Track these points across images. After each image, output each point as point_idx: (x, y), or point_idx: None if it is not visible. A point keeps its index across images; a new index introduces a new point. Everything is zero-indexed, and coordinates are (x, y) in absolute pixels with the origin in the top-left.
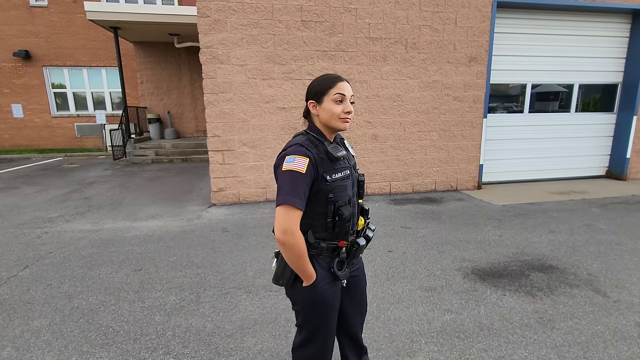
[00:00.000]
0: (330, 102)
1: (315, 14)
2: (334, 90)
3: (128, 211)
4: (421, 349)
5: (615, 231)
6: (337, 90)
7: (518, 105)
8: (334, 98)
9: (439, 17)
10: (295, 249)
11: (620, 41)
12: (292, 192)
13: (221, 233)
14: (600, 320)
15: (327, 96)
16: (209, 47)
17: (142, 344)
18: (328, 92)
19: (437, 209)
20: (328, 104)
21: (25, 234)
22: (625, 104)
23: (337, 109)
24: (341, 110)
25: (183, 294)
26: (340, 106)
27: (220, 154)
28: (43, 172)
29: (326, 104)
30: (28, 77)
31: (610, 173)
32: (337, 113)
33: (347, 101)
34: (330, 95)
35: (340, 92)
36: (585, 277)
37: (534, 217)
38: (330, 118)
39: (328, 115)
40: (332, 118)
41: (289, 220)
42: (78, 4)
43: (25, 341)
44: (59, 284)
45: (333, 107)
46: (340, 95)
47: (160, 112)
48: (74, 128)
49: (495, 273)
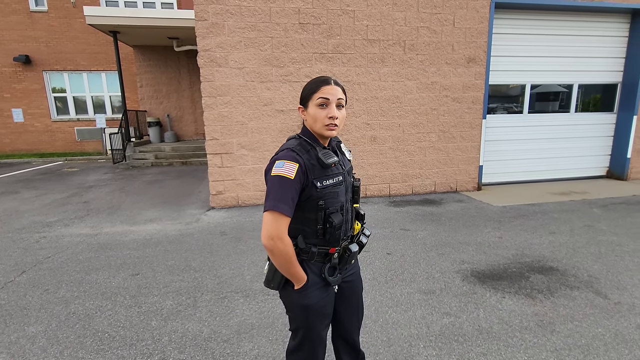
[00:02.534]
0: (314, 107)
1: (313, 17)
2: (317, 94)
3: (127, 215)
4: (419, 353)
5: (616, 232)
6: (320, 94)
7: (517, 106)
8: (317, 102)
9: (437, 18)
10: (283, 255)
11: (619, 41)
12: (280, 198)
13: (219, 236)
14: (601, 322)
15: (312, 101)
16: (207, 51)
17: (138, 349)
18: (312, 96)
19: (437, 210)
20: (312, 108)
21: (24, 238)
22: (625, 103)
23: (321, 114)
24: (324, 115)
25: (180, 299)
26: (324, 111)
27: (218, 157)
28: (43, 176)
29: (310, 109)
30: (28, 82)
31: (610, 173)
32: (320, 118)
33: (331, 106)
34: (314, 100)
35: (322, 96)
36: (586, 279)
37: (534, 218)
38: (314, 123)
39: (312, 121)
40: (316, 123)
41: (276, 227)
42: (78, 9)
43: (21, 347)
44: (56, 289)
45: (316, 112)
46: (323, 100)
47: (160, 115)
48: (74, 132)
49: (494, 275)
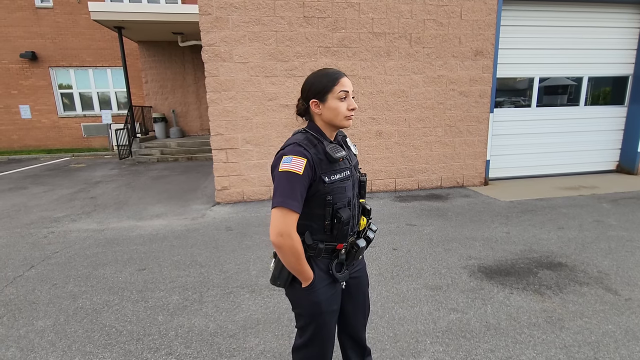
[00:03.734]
0: (335, 101)
1: (318, 10)
2: (338, 87)
3: (133, 210)
4: (426, 349)
5: (627, 227)
6: (341, 87)
7: (525, 100)
8: (339, 96)
9: (443, 10)
10: (292, 252)
11: (631, 32)
12: (288, 194)
13: (225, 232)
14: (611, 319)
15: (332, 94)
16: (211, 45)
17: (145, 344)
18: (332, 89)
19: (443, 205)
20: (333, 102)
21: (32, 233)
22: (636, 96)
23: (343, 106)
24: (346, 107)
25: (186, 294)
26: (345, 103)
27: (223, 152)
28: (51, 172)
29: (331, 103)
30: (35, 78)
31: (620, 167)
32: (342, 111)
33: (350, 97)
34: (335, 93)
35: (344, 89)
36: (596, 275)
37: (542, 213)
38: (336, 117)
39: (333, 114)
40: (337, 116)
41: (284, 223)
42: (82, 5)
43: (30, 341)
44: (64, 284)
45: (339, 106)
46: (344, 93)
47: (165, 111)
48: (80, 128)
49: (502, 271)
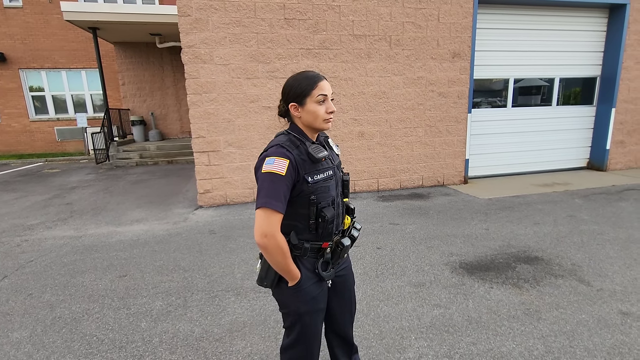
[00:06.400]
0: (314, 104)
1: (299, 12)
2: (317, 91)
3: (112, 216)
4: (411, 345)
5: (597, 221)
6: (319, 91)
7: (501, 100)
8: (317, 99)
9: (421, 13)
10: (278, 252)
11: (598, 35)
12: (271, 195)
13: (208, 235)
14: (584, 309)
15: (310, 98)
16: (191, 47)
17: (128, 351)
18: (311, 93)
19: (425, 204)
20: (311, 105)
21: (4, 242)
22: (604, 96)
23: (321, 110)
24: (324, 110)
25: (170, 299)
26: (323, 107)
27: (205, 155)
28: (22, 178)
29: (309, 106)
30: (4, 81)
31: (591, 164)
32: (321, 114)
33: (329, 101)
34: (314, 97)
35: (322, 93)
36: (570, 267)
37: (519, 209)
38: (315, 120)
39: (312, 118)
40: (316, 120)
41: (268, 224)
42: (54, 4)
43: (5, 354)
44: (40, 294)
45: (317, 109)
46: (323, 96)
47: (144, 113)
48: (54, 132)
49: (482, 266)
